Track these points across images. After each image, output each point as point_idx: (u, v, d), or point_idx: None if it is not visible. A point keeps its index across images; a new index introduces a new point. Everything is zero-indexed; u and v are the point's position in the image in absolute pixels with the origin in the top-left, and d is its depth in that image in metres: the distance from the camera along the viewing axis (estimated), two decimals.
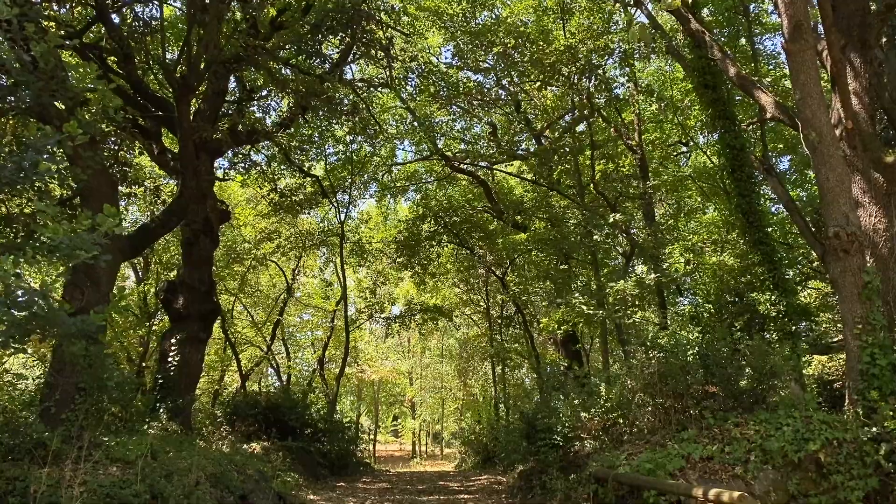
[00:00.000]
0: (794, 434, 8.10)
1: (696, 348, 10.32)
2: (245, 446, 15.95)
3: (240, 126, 17.26)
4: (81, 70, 14.37)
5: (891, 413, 8.14)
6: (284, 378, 30.81)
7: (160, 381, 15.11)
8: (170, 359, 15.33)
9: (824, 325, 20.16)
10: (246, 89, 18.59)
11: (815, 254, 19.07)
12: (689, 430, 8.97)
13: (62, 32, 8.70)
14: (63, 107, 8.52)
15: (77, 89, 6.54)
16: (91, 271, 10.08)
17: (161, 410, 14.18)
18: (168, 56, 15.06)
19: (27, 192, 6.90)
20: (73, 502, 7.49)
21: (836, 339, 17.87)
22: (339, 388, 29.37)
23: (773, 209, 22.35)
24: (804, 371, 15.13)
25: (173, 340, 15.61)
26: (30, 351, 19.46)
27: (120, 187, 18.83)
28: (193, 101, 17.59)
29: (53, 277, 5.95)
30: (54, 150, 5.97)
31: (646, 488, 7.89)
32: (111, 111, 7.41)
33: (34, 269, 15.17)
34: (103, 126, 12.74)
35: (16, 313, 5.64)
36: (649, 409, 10.26)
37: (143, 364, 23.75)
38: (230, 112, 17.88)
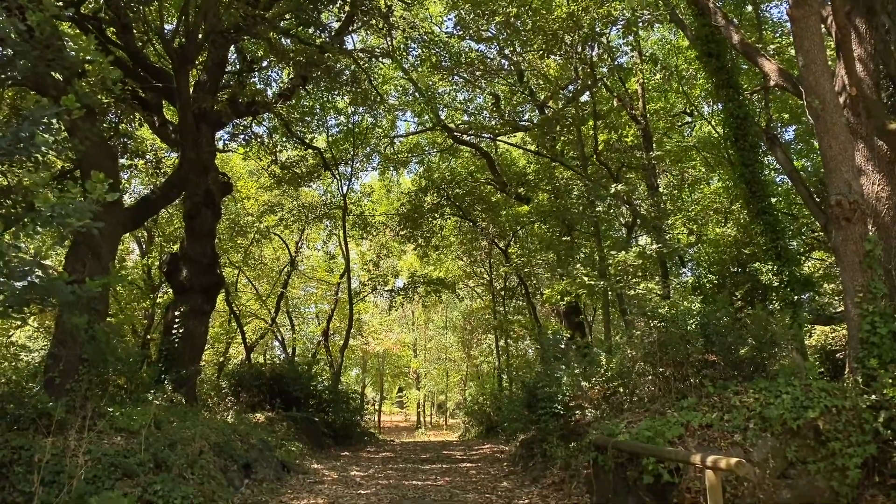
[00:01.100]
0: (793, 402, 8.11)
1: (697, 318, 10.32)
2: (249, 416, 16.11)
3: (241, 98, 17.18)
4: (82, 41, 14.29)
5: (890, 381, 8.15)
6: (290, 350, 31.03)
7: (164, 352, 15.21)
8: (174, 331, 15.41)
9: (827, 297, 20.13)
10: (246, 60, 18.47)
11: (818, 224, 19.05)
12: (689, 399, 8.99)
13: (59, 3, 8.61)
14: (61, 77, 8.48)
15: (74, 60, 6.48)
16: (92, 243, 10.09)
17: (166, 382, 14.30)
18: (166, 27, 14.92)
19: (25, 163, 6.87)
20: (77, 470, 7.59)
21: (839, 310, 17.87)
22: (344, 359, 29.57)
23: (777, 179, 22.17)
24: (806, 340, 15.16)
25: (177, 313, 15.68)
26: (35, 324, 19.66)
27: (121, 160, 18.87)
28: (193, 72, 17.48)
29: (48, 245, 5.92)
30: (52, 121, 5.93)
31: (645, 455, 7.94)
32: (110, 83, 7.36)
33: (36, 242, 15.21)
34: (102, 98, 12.66)
35: (15, 283, 5.65)
36: (649, 377, 10.30)
37: (148, 336, 23.91)
38: (231, 83, 17.78)
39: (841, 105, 9.45)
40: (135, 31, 14.55)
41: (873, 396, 8.17)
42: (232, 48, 17.70)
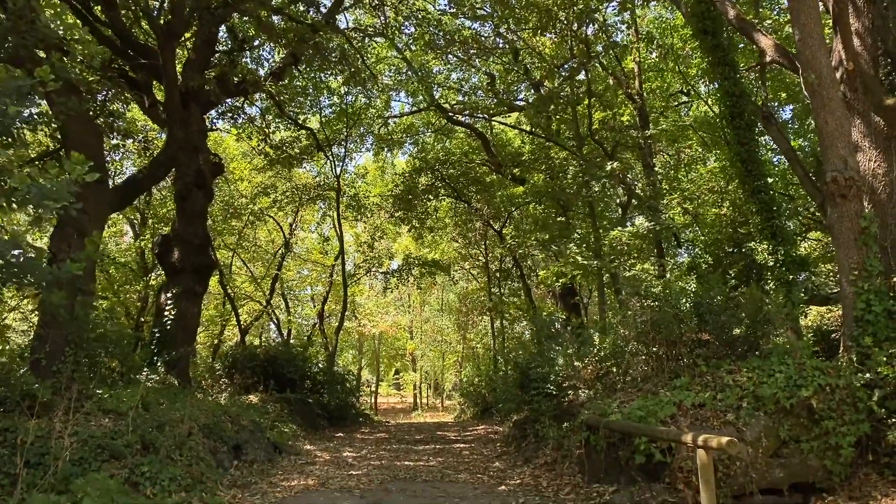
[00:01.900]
0: (786, 380, 8.02)
1: (691, 297, 10.22)
2: (243, 398, 16.04)
3: (234, 77, 16.96)
4: (63, 15, 13.99)
5: (884, 359, 8.06)
6: (285, 332, 30.99)
7: (157, 334, 15.12)
8: (166, 312, 15.31)
9: (823, 277, 20.07)
10: (237, 39, 18.21)
11: (815, 203, 18.92)
12: (682, 378, 8.91)
13: None
14: (43, 54, 8.27)
15: (49, 32, 6.28)
16: (77, 224, 9.93)
17: (158, 363, 14.22)
18: (153, 2, 14.66)
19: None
20: (62, 452, 7.49)
21: (835, 290, 17.80)
22: (340, 341, 29.50)
23: (774, 160, 22.05)
24: (801, 321, 15.06)
25: (169, 294, 15.59)
26: (30, 306, 19.53)
27: (114, 140, 18.68)
28: (184, 51, 17.22)
29: (25, 227, 5.79)
30: (27, 94, 5.74)
31: (636, 435, 7.87)
32: (89, 58, 7.17)
33: (14, 222, 15.05)
34: (87, 76, 12.43)
35: None
36: (642, 357, 10.21)
37: (142, 319, 23.83)
38: (223, 63, 17.53)
39: (837, 80, 9.29)
40: (121, 8, 14.27)
41: (867, 375, 8.08)
42: (223, 27, 17.48)
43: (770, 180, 15.41)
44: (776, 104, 22.45)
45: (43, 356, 9.19)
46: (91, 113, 14.44)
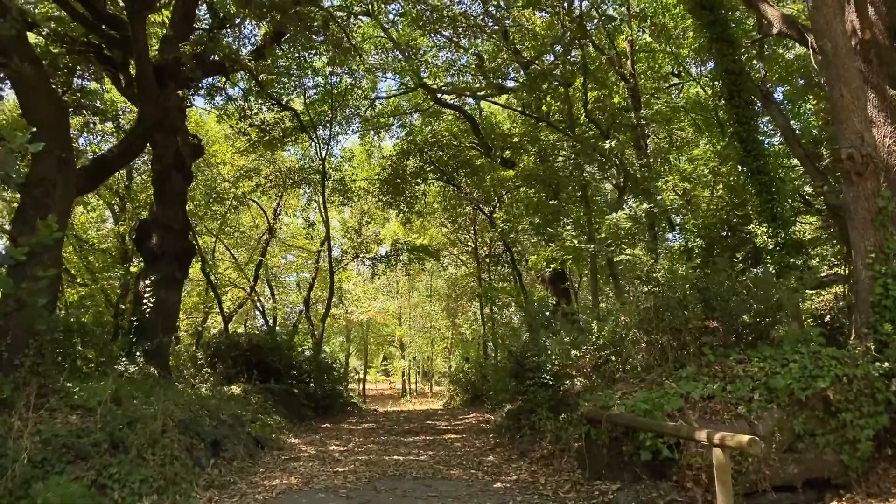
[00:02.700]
0: (801, 371, 7.54)
1: (695, 281, 9.68)
2: (225, 389, 15.45)
3: (215, 56, 16.27)
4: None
5: None
6: (270, 320, 30.36)
7: (135, 323, 14.48)
8: (145, 300, 14.67)
9: (817, 261, 19.75)
10: (218, 17, 17.49)
11: (810, 187, 18.52)
12: (688, 368, 8.40)
13: None
14: None
15: None
16: (40, 205, 9.28)
17: (137, 353, 13.60)
18: None
19: None
20: (21, 454, 6.88)
21: (825, 274, 17.44)
22: (327, 329, 28.91)
23: (765, 143, 21.59)
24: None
25: (148, 281, 14.94)
26: None
27: (90, 121, 17.95)
28: (163, 30, 16.54)
29: None
30: None
31: (643, 430, 7.36)
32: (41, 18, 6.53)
33: None
34: (53, 48, 11.71)
35: None
36: (644, 345, 9.67)
37: (122, 306, 23.13)
38: (204, 40, 16.81)
39: (852, 49, 8.74)
40: None
41: (886, 364, 7.61)
42: (204, 5, 16.79)
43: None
44: (769, 85, 21.96)
45: (4, 349, 8.54)
46: (61, 93, 13.75)
